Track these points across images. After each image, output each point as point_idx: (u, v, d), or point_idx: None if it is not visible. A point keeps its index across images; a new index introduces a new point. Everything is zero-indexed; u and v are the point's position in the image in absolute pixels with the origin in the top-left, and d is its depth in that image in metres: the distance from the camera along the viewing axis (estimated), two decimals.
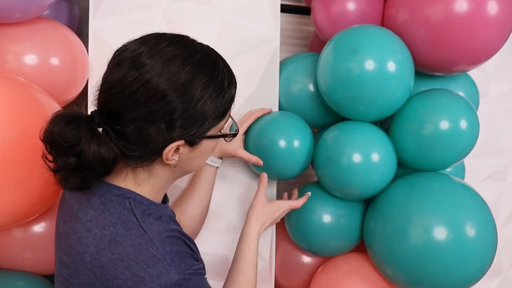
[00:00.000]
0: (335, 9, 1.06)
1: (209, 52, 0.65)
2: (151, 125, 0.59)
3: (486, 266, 0.89)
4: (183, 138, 0.62)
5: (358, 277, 1.02)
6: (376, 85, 0.91)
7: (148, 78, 0.58)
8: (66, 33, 0.99)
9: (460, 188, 0.93)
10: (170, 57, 0.60)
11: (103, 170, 0.60)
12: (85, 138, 0.57)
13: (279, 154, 0.99)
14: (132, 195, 0.64)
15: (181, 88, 0.59)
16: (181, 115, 0.60)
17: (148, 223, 0.62)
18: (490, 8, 0.87)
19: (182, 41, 0.63)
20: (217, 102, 0.63)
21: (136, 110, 0.59)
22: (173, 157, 0.63)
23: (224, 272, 1.12)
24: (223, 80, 0.64)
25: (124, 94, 0.59)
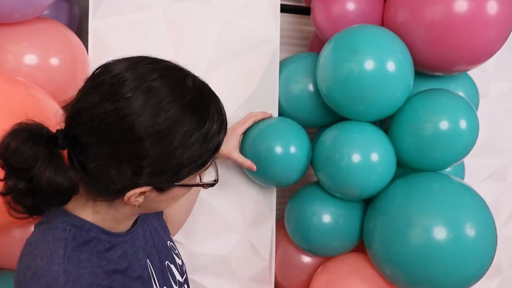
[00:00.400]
0: (335, 9, 1.05)
1: (201, 92, 0.57)
2: (116, 166, 0.52)
3: (486, 266, 0.89)
4: (150, 185, 0.55)
5: (358, 277, 1.02)
6: (375, 85, 0.91)
7: (123, 116, 0.51)
8: (66, 33, 0.99)
9: (460, 188, 0.93)
10: (153, 95, 0.52)
11: (56, 200, 0.54)
12: (41, 162, 0.51)
13: (275, 160, 0.99)
14: (79, 223, 0.58)
15: (158, 135, 0.52)
16: (152, 163, 0.53)
17: (75, 261, 0.54)
18: (490, 8, 0.87)
19: (173, 76, 0.56)
20: (198, 152, 0.55)
21: (101, 148, 0.52)
22: (136, 199, 0.57)
23: (224, 272, 1.12)
24: (211, 128, 0.56)
25: (91, 126, 0.52)
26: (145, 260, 0.68)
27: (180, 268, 0.77)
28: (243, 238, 1.13)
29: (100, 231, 0.60)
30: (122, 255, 0.62)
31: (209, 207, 1.10)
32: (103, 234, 0.60)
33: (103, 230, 0.60)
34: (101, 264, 0.57)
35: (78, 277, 0.53)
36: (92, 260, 0.56)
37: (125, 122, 0.51)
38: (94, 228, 0.59)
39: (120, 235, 0.63)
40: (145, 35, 1.03)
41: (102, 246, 0.59)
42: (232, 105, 1.09)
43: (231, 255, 1.12)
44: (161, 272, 0.70)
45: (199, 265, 1.11)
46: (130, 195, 0.55)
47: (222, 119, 0.59)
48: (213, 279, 1.12)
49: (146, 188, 0.55)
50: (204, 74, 1.06)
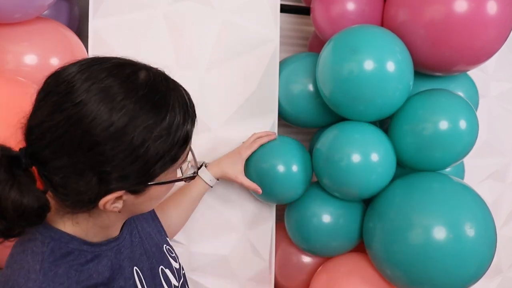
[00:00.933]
0: (335, 9, 1.06)
1: (156, 85, 0.53)
2: (79, 177, 0.50)
3: (485, 266, 0.89)
4: (122, 189, 0.53)
5: (358, 277, 1.02)
6: (375, 85, 0.91)
7: (75, 123, 0.48)
8: (66, 33, 0.99)
9: (460, 188, 0.93)
10: (104, 96, 0.49)
11: (29, 221, 0.51)
12: (4, 185, 0.48)
13: (277, 179, 1.02)
14: (58, 235, 0.55)
15: (115, 136, 0.49)
16: (116, 167, 0.50)
17: (51, 277, 0.52)
18: (490, 8, 0.87)
19: (123, 72, 0.52)
20: (163, 147, 0.52)
21: (60, 160, 0.49)
22: (113, 206, 0.54)
23: (224, 272, 1.12)
24: (173, 120, 0.52)
25: (45, 140, 0.49)
26: (131, 268, 0.65)
27: (176, 272, 0.76)
28: (243, 238, 1.13)
29: (80, 243, 0.57)
30: (106, 265, 0.60)
31: (209, 207, 1.11)
32: (85, 245, 0.58)
33: (84, 241, 0.58)
34: (80, 279, 0.55)
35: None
36: (70, 274, 0.54)
37: (78, 129, 0.48)
38: (74, 240, 0.57)
39: (103, 244, 0.61)
40: (145, 35, 1.03)
41: (83, 258, 0.57)
42: (232, 105, 1.09)
43: (231, 255, 1.12)
44: (152, 279, 0.69)
45: (199, 265, 1.11)
46: (104, 203, 0.53)
47: (185, 108, 0.55)
48: (213, 279, 1.12)
49: (119, 193, 0.53)
50: (204, 74, 1.08)
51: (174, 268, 0.76)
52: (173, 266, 0.76)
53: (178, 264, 0.78)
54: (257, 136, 1.06)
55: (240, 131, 1.09)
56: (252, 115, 1.10)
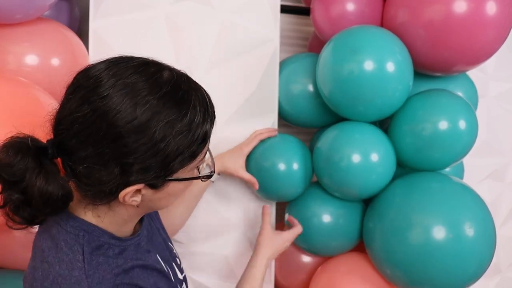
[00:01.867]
0: (335, 9, 1.06)
1: (178, 84, 0.56)
2: (103, 167, 0.53)
3: (485, 265, 0.89)
4: (142, 182, 0.55)
5: (358, 277, 1.02)
6: (375, 86, 0.91)
7: (100, 115, 0.51)
8: (66, 33, 0.99)
9: (459, 188, 0.94)
10: (129, 91, 0.52)
11: (52, 208, 0.54)
12: (31, 173, 0.52)
13: (278, 177, 1.02)
14: (90, 228, 0.59)
15: (137, 130, 0.51)
16: (138, 159, 0.53)
17: (95, 264, 0.56)
18: (489, 8, 0.88)
19: (148, 70, 0.55)
20: (183, 143, 0.55)
21: (85, 150, 0.52)
22: (132, 199, 0.57)
23: (223, 272, 1.13)
24: (193, 118, 0.55)
25: (73, 131, 0.52)
26: (155, 255, 0.69)
27: (178, 267, 0.79)
28: (243, 237, 1.13)
29: (109, 237, 0.60)
30: (134, 256, 0.63)
31: (209, 207, 1.11)
32: (113, 239, 0.61)
33: (113, 236, 0.61)
34: (119, 264, 0.59)
35: (101, 280, 0.55)
36: (110, 261, 0.58)
37: (103, 121, 0.51)
38: (105, 234, 0.60)
39: (128, 239, 0.64)
40: (145, 35, 1.03)
41: (112, 251, 0.60)
42: (232, 105, 1.09)
43: (231, 255, 1.13)
44: (171, 270, 0.72)
45: (199, 264, 1.11)
46: (123, 195, 0.55)
47: (205, 107, 0.58)
48: (213, 279, 1.13)
49: (139, 186, 0.55)
50: (204, 74, 1.09)
51: (178, 263, 0.78)
52: (177, 261, 0.78)
53: (179, 260, 0.81)
54: (258, 132, 1.08)
55: (240, 131, 1.09)
56: (252, 115, 1.11)
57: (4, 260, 1.00)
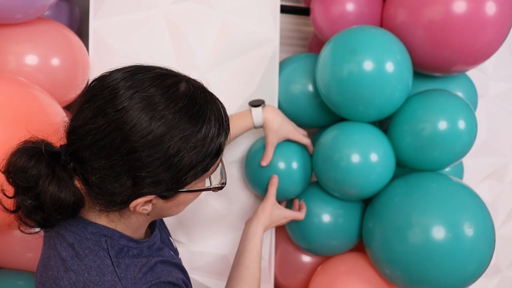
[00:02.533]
0: (334, 10, 1.06)
1: (195, 97, 0.55)
2: (115, 179, 0.53)
3: (484, 265, 0.89)
4: (153, 194, 0.56)
5: (357, 277, 1.03)
6: (374, 86, 0.91)
7: (114, 129, 0.51)
8: (66, 33, 1.00)
9: (459, 188, 0.94)
10: (145, 105, 0.51)
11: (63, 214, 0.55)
12: (44, 179, 0.52)
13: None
14: (110, 233, 0.59)
15: (151, 144, 0.51)
16: (151, 173, 0.53)
17: (124, 266, 0.57)
18: (489, 8, 0.88)
19: (165, 83, 0.54)
20: (197, 157, 0.55)
21: (98, 162, 0.52)
22: (143, 208, 0.57)
23: (223, 271, 1.13)
24: (208, 132, 0.55)
25: (86, 141, 0.52)
26: (169, 252, 0.71)
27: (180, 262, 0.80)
28: None
29: (127, 240, 0.61)
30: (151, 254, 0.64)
31: (209, 207, 1.11)
32: (131, 242, 0.62)
33: (130, 238, 0.62)
34: (143, 263, 0.60)
35: (134, 280, 0.56)
36: (135, 262, 0.59)
37: (118, 135, 0.51)
38: (123, 237, 0.61)
39: (144, 242, 0.65)
40: (145, 35, 1.04)
41: (132, 253, 0.61)
42: (232, 105, 1.09)
43: (231, 255, 1.13)
44: None
45: (200, 264, 1.11)
46: (134, 205, 0.56)
47: (221, 121, 0.58)
48: (213, 278, 1.13)
49: (150, 197, 0.56)
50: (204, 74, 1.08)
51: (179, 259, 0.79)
52: (178, 256, 0.79)
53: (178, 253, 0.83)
54: (305, 135, 1.06)
55: None
56: None
57: (4, 260, 1.00)
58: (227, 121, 0.60)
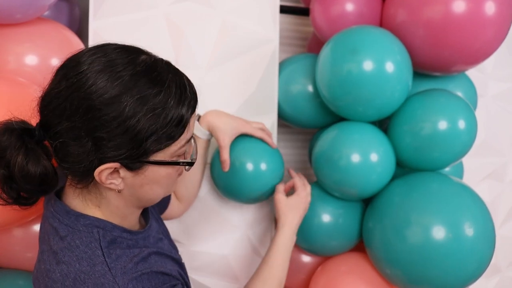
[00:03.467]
0: (334, 10, 1.06)
1: (154, 66, 0.57)
2: (76, 142, 0.54)
3: (484, 265, 0.89)
4: (116, 160, 0.56)
5: (357, 276, 1.03)
6: (374, 86, 0.91)
7: (74, 90, 0.53)
8: (66, 34, 1.00)
9: (459, 188, 0.94)
10: (105, 67, 0.54)
11: (31, 186, 0.56)
12: (11, 150, 0.54)
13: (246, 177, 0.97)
14: (102, 224, 0.61)
15: (108, 102, 0.53)
16: (109, 134, 0.54)
17: (114, 257, 0.58)
18: (488, 8, 0.88)
19: (127, 52, 0.57)
20: (154, 123, 0.55)
21: (61, 125, 0.54)
22: (110, 181, 0.58)
23: (224, 271, 1.13)
24: (166, 98, 0.55)
25: (50, 107, 0.55)
26: (168, 245, 0.72)
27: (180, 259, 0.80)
28: (243, 237, 1.13)
29: (121, 230, 0.62)
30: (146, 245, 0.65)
31: (209, 207, 1.11)
32: (124, 232, 0.63)
33: (124, 229, 0.63)
34: (136, 253, 0.60)
35: (124, 270, 0.57)
36: (127, 253, 0.60)
37: (79, 94, 0.53)
38: (116, 228, 0.62)
39: (139, 233, 0.66)
40: (145, 36, 1.03)
41: (126, 244, 0.62)
42: (232, 106, 1.09)
43: (231, 255, 1.13)
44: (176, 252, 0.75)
45: (199, 264, 1.11)
46: (99, 172, 0.56)
47: (182, 90, 0.58)
48: (213, 279, 1.13)
49: (113, 164, 0.56)
50: (204, 74, 1.09)
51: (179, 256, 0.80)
52: (178, 253, 0.80)
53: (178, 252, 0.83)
54: (264, 129, 1.01)
55: None
56: (251, 115, 1.11)
57: (4, 260, 1.00)
58: (193, 93, 0.60)
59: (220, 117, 0.93)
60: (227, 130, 0.92)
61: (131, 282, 0.56)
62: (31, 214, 0.89)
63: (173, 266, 0.67)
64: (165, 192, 0.66)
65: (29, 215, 0.89)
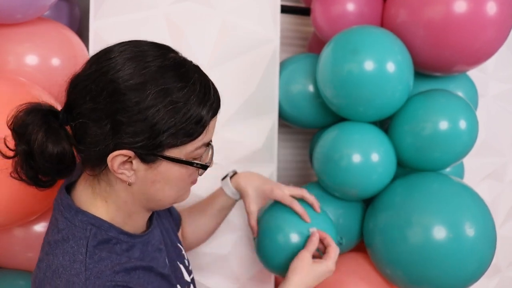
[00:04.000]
0: (335, 10, 1.06)
1: (183, 63, 0.59)
2: (95, 123, 0.55)
3: (485, 265, 0.89)
4: (131, 148, 0.56)
5: (358, 277, 1.03)
6: (375, 86, 0.91)
7: (102, 73, 0.55)
8: (66, 33, 0.99)
9: (459, 188, 0.94)
10: (135, 56, 0.56)
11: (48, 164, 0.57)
12: (34, 126, 0.56)
13: None
14: (98, 222, 0.60)
15: (132, 89, 0.54)
16: (128, 119, 0.54)
17: (97, 259, 0.57)
18: (489, 8, 0.88)
19: (160, 46, 0.60)
20: (174, 116, 0.55)
21: (84, 105, 0.55)
22: (122, 171, 0.57)
23: (224, 271, 1.13)
24: (190, 95, 0.56)
25: (77, 88, 0.57)
26: (164, 258, 0.70)
27: (187, 268, 0.79)
28: (243, 237, 1.13)
29: (118, 232, 0.61)
30: (141, 256, 0.64)
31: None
32: (121, 234, 0.62)
33: (121, 231, 0.62)
34: (121, 261, 0.59)
35: (99, 274, 0.55)
36: (112, 257, 0.58)
37: (106, 78, 0.55)
38: (113, 229, 0.61)
39: (137, 236, 0.64)
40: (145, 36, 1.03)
41: (120, 247, 0.61)
42: (232, 106, 1.09)
43: (231, 255, 1.13)
44: (175, 272, 0.72)
45: (200, 264, 1.11)
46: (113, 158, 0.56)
47: (207, 91, 0.59)
48: (213, 279, 1.13)
49: (128, 152, 0.56)
50: None
51: (185, 265, 0.78)
52: (185, 262, 0.79)
53: (187, 261, 0.81)
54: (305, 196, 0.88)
55: (240, 131, 1.10)
56: (252, 115, 1.11)
57: (4, 260, 1.00)
58: (217, 98, 0.61)
59: (249, 181, 0.89)
60: (254, 197, 0.89)
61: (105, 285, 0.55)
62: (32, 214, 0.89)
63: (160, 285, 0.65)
64: (175, 196, 0.64)
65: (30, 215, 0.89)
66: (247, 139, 1.11)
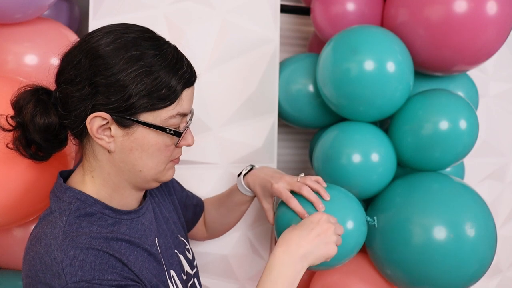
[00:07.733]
0: (335, 9, 1.06)
1: (161, 38, 0.65)
2: (75, 86, 0.60)
3: (485, 266, 0.89)
4: (106, 110, 0.60)
5: (358, 277, 1.02)
6: (375, 86, 0.91)
7: (84, 45, 0.61)
8: (66, 33, 0.99)
9: (460, 188, 0.94)
10: (114, 30, 0.62)
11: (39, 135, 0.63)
12: (24, 100, 0.62)
13: None
14: (83, 197, 0.64)
15: (109, 55, 0.59)
16: (103, 81, 0.59)
17: (75, 227, 0.60)
18: (490, 8, 0.88)
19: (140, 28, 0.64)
20: (144, 80, 0.59)
21: (67, 73, 0.61)
22: (101, 135, 0.61)
23: (224, 271, 1.13)
24: (160, 62, 0.61)
25: (63, 62, 0.63)
26: (154, 237, 0.71)
27: (190, 262, 0.80)
28: (243, 237, 1.13)
29: (103, 206, 0.64)
30: (127, 231, 0.66)
31: None
32: (107, 209, 0.65)
33: (107, 206, 0.65)
34: (101, 231, 0.62)
35: (75, 237, 0.58)
36: (93, 228, 0.62)
37: (88, 46, 0.61)
38: (98, 203, 0.64)
39: (124, 212, 0.67)
40: None
41: (105, 221, 0.64)
42: (232, 105, 1.09)
43: (231, 255, 1.13)
44: (168, 257, 0.73)
45: (200, 264, 1.11)
46: (91, 120, 0.60)
47: (177, 62, 0.63)
48: (213, 279, 1.13)
49: (104, 114, 0.60)
50: (204, 74, 1.08)
51: (188, 258, 0.80)
52: (187, 255, 0.80)
53: (192, 255, 0.83)
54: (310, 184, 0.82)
55: (240, 131, 1.10)
56: (252, 115, 1.11)
57: (4, 260, 1.00)
58: (190, 68, 0.65)
59: (255, 179, 0.88)
60: (262, 194, 0.88)
61: (74, 249, 0.57)
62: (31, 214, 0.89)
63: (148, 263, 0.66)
64: (155, 168, 0.66)
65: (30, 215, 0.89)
66: (247, 139, 1.11)
